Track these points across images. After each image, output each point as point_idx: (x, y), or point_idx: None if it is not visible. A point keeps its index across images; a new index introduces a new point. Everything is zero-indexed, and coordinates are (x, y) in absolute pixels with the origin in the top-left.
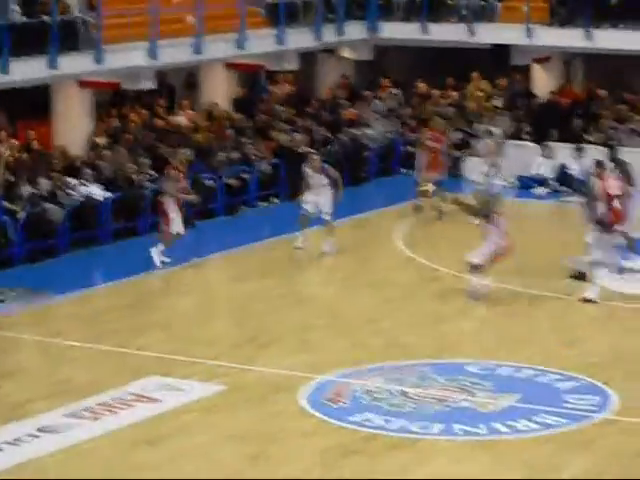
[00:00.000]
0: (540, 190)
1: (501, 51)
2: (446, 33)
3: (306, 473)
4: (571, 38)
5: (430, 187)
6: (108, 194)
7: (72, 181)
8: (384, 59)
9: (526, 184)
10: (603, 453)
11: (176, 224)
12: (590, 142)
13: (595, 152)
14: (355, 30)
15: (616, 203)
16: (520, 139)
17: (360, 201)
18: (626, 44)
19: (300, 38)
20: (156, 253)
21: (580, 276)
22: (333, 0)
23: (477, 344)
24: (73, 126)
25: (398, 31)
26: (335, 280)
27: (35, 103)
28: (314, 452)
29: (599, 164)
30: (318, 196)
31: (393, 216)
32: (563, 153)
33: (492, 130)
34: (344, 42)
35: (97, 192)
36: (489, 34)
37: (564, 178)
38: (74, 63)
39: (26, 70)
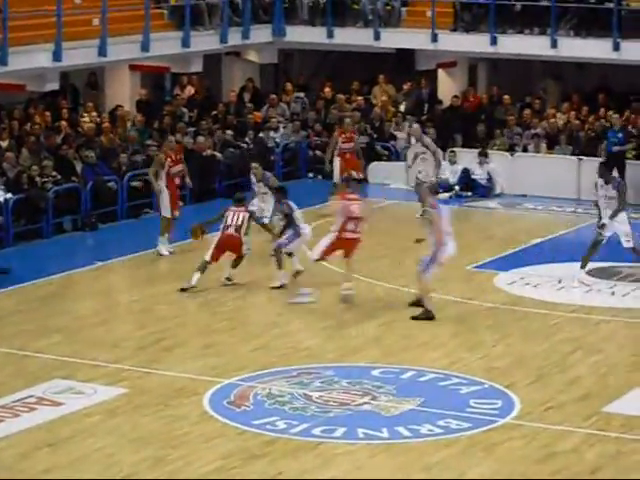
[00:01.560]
0: (444, 195)
1: (406, 56)
2: (351, 37)
3: (208, 477)
4: (476, 43)
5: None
6: (9, 195)
7: None
8: (289, 63)
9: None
10: (505, 457)
11: (164, 208)
12: (494, 147)
13: (499, 157)
14: (260, 33)
15: None
16: None
17: None
18: (530, 49)
19: (205, 41)
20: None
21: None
22: (238, 3)
23: (381, 348)
24: None
25: (303, 35)
26: (241, 283)
27: None
28: (217, 456)
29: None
30: (264, 203)
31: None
32: (467, 158)
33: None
34: (249, 45)
35: None
36: (394, 39)
37: (467, 183)
38: None
39: None
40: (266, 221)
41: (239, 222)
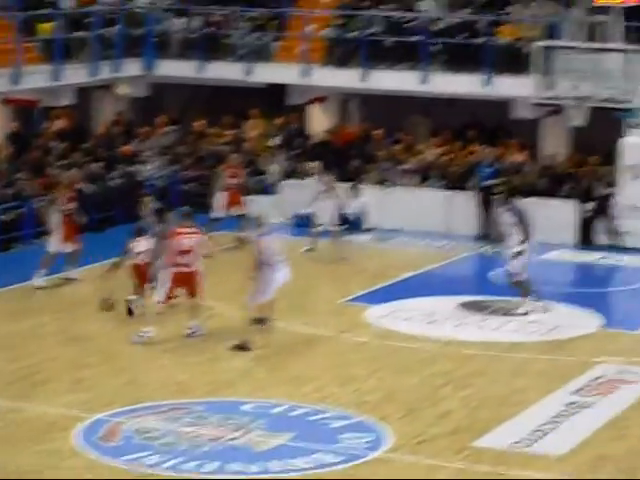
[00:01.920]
0: (317, 228)
1: (277, 90)
2: (223, 71)
3: None
4: (347, 78)
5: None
6: None
7: None
8: (161, 96)
9: (302, 222)
10: None
11: (53, 244)
12: (366, 181)
13: (371, 191)
14: (131, 67)
15: None
16: (296, 178)
17: None
18: (401, 85)
19: (76, 74)
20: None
21: (258, 321)
22: (109, 36)
23: (252, 383)
24: None
25: (174, 69)
26: (110, 317)
27: None
28: None
29: None
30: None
31: None
32: (339, 192)
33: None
34: (120, 78)
35: None
36: (265, 73)
37: (340, 216)
38: None
39: None
40: None
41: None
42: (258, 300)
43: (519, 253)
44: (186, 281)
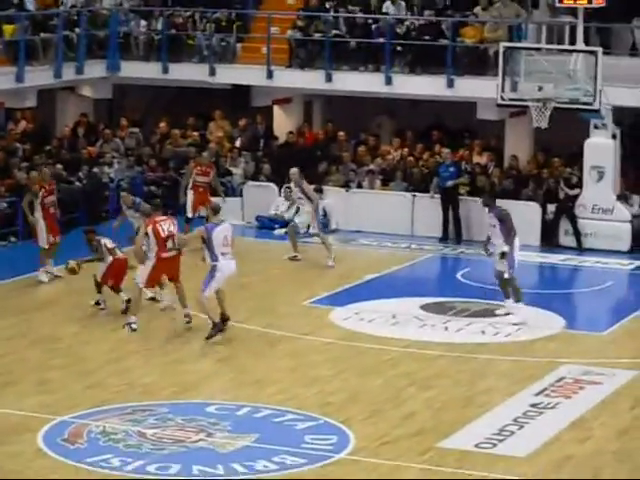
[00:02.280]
0: (280, 231)
1: (241, 92)
2: (186, 73)
3: None
4: (311, 80)
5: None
6: None
7: None
8: (124, 98)
9: (266, 224)
10: None
11: (41, 239)
12: (330, 183)
13: (335, 193)
14: (95, 69)
15: None
16: (260, 180)
17: None
18: (365, 86)
19: (39, 76)
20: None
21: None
22: (73, 38)
23: (217, 384)
24: None
25: (138, 70)
26: (75, 320)
27: None
28: None
29: None
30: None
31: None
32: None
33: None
34: (84, 80)
35: None
36: (229, 75)
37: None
38: None
39: None
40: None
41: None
42: (207, 293)
43: (504, 254)
44: (168, 266)
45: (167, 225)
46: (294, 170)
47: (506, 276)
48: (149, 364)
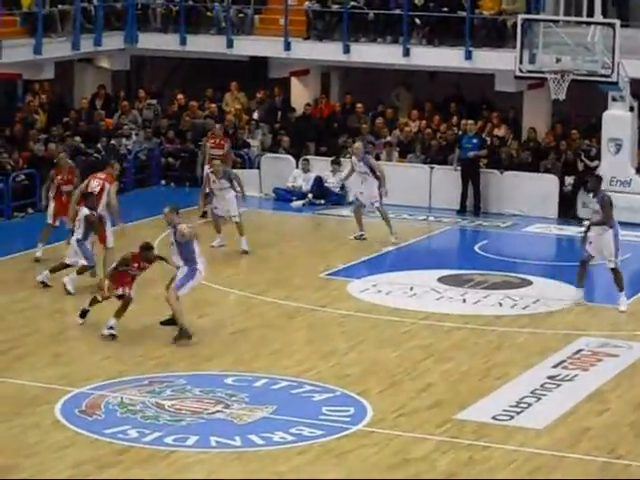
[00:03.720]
0: (297, 203)
1: (259, 64)
2: (204, 45)
3: None
4: (329, 52)
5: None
6: None
7: None
8: (142, 70)
9: (283, 197)
10: (358, 465)
11: (48, 215)
12: (347, 155)
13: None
14: (112, 40)
15: None
16: (278, 152)
17: None
18: (383, 58)
19: (57, 47)
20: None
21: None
22: (91, 10)
23: (234, 356)
24: None
25: (156, 42)
26: (92, 291)
27: None
28: (68, 465)
29: None
30: (224, 200)
31: (152, 227)
32: (320, 166)
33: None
34: (101, 52)
35: None
36: (247, 46)
37: (320, 191)
38: None
39: None
40: (237, 220)
41: None
42: (183, 292)
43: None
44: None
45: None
46: (358, 144)
47: (612, 266)
48: (165, 336)
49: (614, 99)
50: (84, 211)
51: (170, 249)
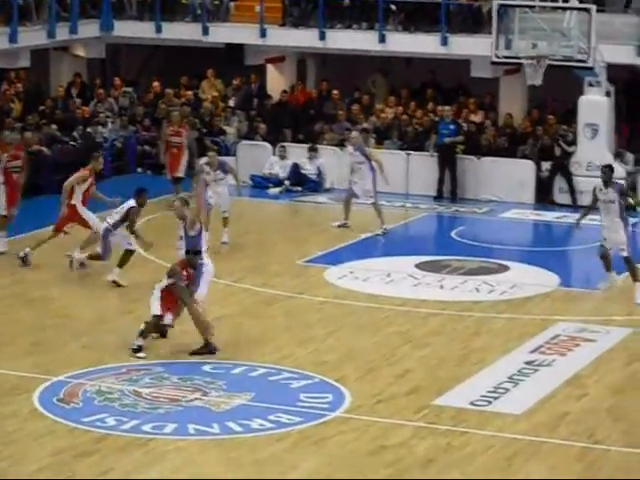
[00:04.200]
0: (274, 190)
1: (235, 51)
2: (180, 32)
3: (38, 474)
4: (304, 38)
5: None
6: None
7: None
8: (117, 57)
9: (260, 184)
10: (336, 451)
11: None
12: (324, 142)
13: (329, 152)
14: (88, 28)
15: None
16: (254, 139)
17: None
18: (358, 44)
19: (33, 36)
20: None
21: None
22: None
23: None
24: None
25: (131, 30)
26: (69, 280)
27: None
28: (47, 453)
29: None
30: (217, 192)
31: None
32: (297, 153)
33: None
34: (77, 40)
35: None
36: (222, 33)
37: (297, 178)
38: None
39: None
40: (226, 215)
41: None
42: (205, 291)
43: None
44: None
45: None
46: (355, 133)
47: (624, 254)
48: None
49: (590, 84)
50: (131, 202)
51: (177, 244)
